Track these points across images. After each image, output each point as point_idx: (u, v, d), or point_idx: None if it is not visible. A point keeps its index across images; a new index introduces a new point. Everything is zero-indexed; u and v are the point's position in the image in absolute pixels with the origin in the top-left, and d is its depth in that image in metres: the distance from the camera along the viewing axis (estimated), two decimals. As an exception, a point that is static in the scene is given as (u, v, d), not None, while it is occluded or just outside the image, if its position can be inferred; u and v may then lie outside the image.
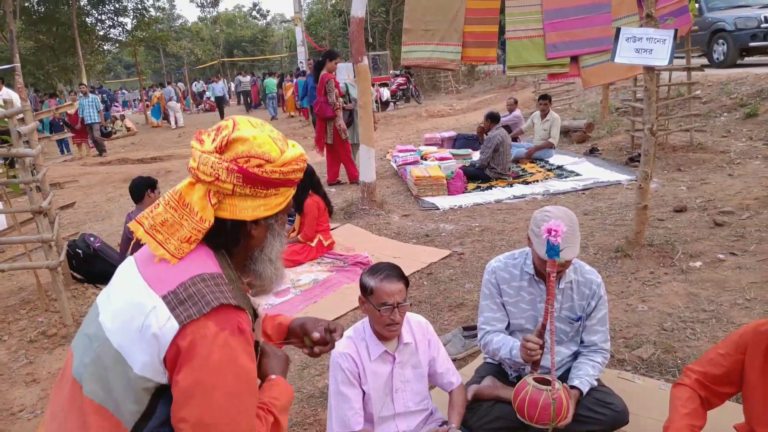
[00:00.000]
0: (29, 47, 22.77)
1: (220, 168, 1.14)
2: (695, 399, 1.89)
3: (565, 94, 13.77)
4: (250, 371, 1.13)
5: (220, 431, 1.09)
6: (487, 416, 2.42)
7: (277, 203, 1.23)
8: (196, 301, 1.09)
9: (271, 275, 1.30)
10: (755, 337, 1.83)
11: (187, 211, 1.17)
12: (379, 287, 2.07)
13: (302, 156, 1.25)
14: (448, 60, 5.87)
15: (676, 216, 5.03)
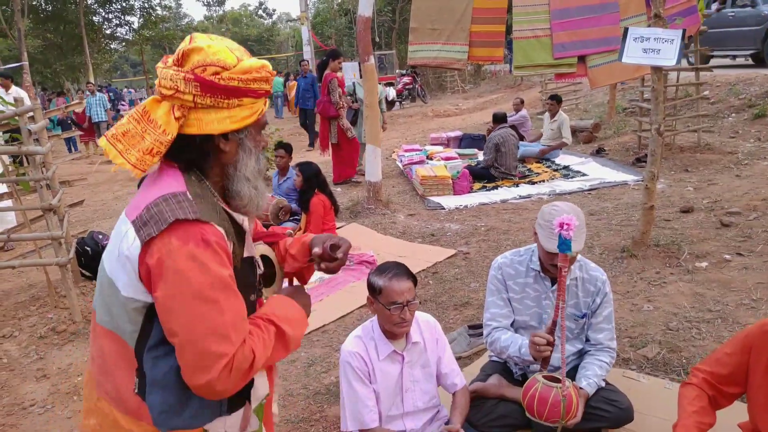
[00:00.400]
0: (37, 46, 22.93)
1: (178, 79, 1.15)
2: (703, 397, 1.90)
3: (572, 94, 13.74)
4: (222, 277, 1.13)
5: (205, 339, 1.11)
6: (492, 414, 2.43)
7: (243, 116, 1.21)
8: (156, 220, 1.12)
9: (249, 193, 1.28)
10: (760, 337, 1.84)
11: (151, 126, 1.17)
12: (388, 286, 2.08)
13: (264, 66, 1.23)
14: (455, 60, 5.88)
15: (682, 216, 5.02)
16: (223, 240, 1.17)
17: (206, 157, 1.24)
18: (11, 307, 4.32)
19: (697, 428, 1.82)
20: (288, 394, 2.99)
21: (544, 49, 5.63)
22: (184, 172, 1.23)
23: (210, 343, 1.11)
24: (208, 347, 1.11)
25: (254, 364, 1.18)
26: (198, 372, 1.12)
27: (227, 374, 1.13)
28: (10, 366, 3.56)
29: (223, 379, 1.13)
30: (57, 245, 3.90)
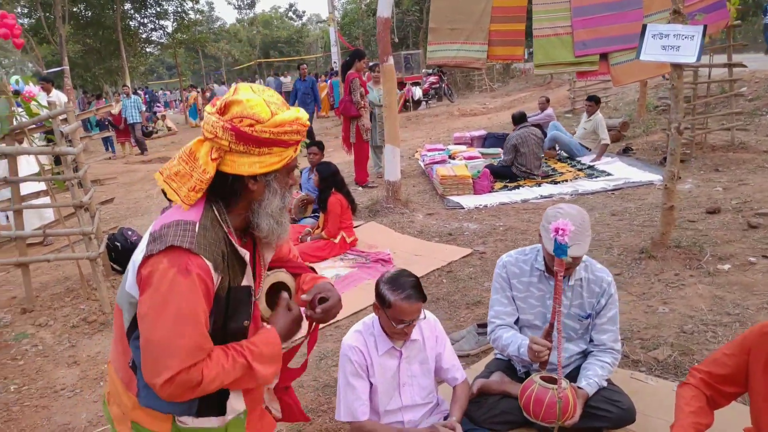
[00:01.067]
0: (77, 50, 23.70)
1: (218, 126, 1.30)
2: (700, 398, 1.88)
3: (602, 92, 13.49)
4: (191, 308, 1.26)
5: (161, 350, 1.25)
6: (494, 410, 2.44)
7: (272, 162, 1.34)
8: (161, 240, 1.28)
9: (270, 228, 1.42)
10: (759, 339, 1.81)
11: (195, 164, 1.33)
12: (399, 306, 2.06)
13: (297, 119, 1.35)
14: (474, 59, 5.87)
15: (708, 217, 4.90)
16: (207, 273, 1.30)
17: (235, 193, 1.39)
18: (48, 298, 4.52)
19: (694, 428, 1.80)
20: (298, 386, 3.05)
21: (565, 47, 5.57)
22: (207, 203, 1.38)
23: (162, 354, 1.26)
24: (160, 356, 1.26)
25: (202, 385, 1.29)
26: (148, 372, 1.28)
27: (169, 386, 1.26)
28: (44, 353, 3.73)
29: (165, 388, 1.26)
30: (87, 240, 4.07)
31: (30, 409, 3.10)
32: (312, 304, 1.58)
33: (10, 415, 3.04)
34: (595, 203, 6.01)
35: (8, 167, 4.06)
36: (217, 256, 1.33)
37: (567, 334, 2.52)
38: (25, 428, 2.92)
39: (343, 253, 5.11)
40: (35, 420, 2.99)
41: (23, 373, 3.49)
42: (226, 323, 1.41)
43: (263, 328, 1.50)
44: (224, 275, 1.36)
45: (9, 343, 3.84)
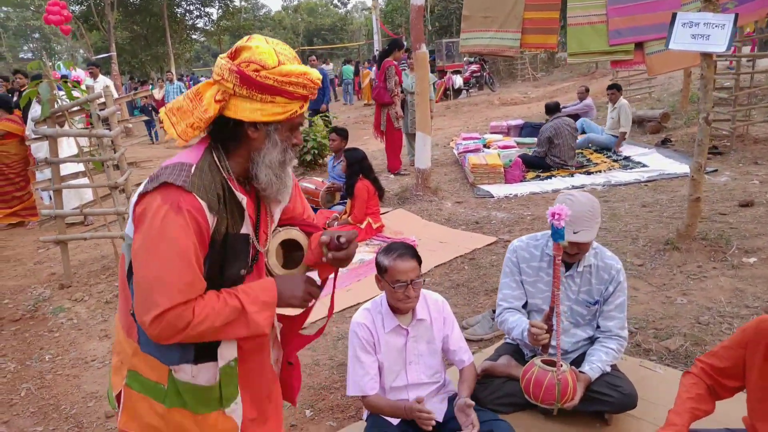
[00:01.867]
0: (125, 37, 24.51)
1: (225, 69, 1.33)
2: (700, 385, 1.91)
3: (645, 82, 13.12)
4: (181, 243, 1.27)
5: (151, 286, 1.27)
6: (498, 392, 2.52)
7: (273, 111, 1.34)
8: (156, 179, 1.30)
9: (267, 179, 1.42)
10: (756, 334, 1.82)
11: (199, 103, 1.35)
12: (393, 266, 2.18)
13: (305, 74, 1.34)
14: (507, 47, 5.85)
15: (740, 211, 4.79)
16: (199, 211, 1.31)
17: (235, 139, 1.39)
18: (84, 275, 4.81)
19: (689, 413, 1.83)
20: (314, 363, 3.19)
21: (600, 36, 5.48)
22: (207, 147, 1.40)
23: (152, 290, 1.27)
24: (150, 293, 1.27)
25: (191, 324, 1.29)
26: (139, 310, 1.29)
27: (158, 323, 1.27)
28: (78, 326, 3.99)
29: (154, 326, 1.27)
30: (122, 220, 4.30)
31: (62, 377, 3.34)
32: (331, 245, 1.54)
33: (43, 383, 3.29)
34: (627, 194, 5.92)
35: (49, 148, 4.31)
36: (212, 197, 1.33)
37: (575, 319, 2.56)
38: (57, 395, 3.16)
39: (369, 239, 5.22)
40: (66, 388, 3.22)
41: (58, 344, 3.75)
42: (223, 270, 1.40)
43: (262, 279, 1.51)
44: (221, 219, 1.36)
45: (47, 316, 4.13)
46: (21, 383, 3.31)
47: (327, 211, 5.62)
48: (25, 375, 3.41)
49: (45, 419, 2.94)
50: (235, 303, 1.36)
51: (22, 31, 46.82)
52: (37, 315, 4.20)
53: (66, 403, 3.07)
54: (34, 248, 5.90)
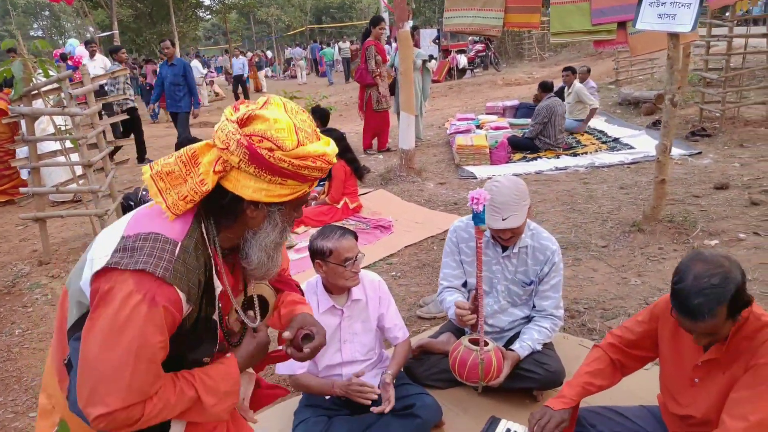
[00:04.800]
0: (128, 15, 24.45)
1: (232, 138, 1.12)
2: (603, 360, 1.95)
3: (648, 62, 12.92)
4: (150, 344, 1.12)
5: (102, 381, 1.11)
6: (434, 368, 2.58)
7: (280, 193, 1.17)
8: (132, 255, 1.12)
9: (258, 261, 1.27)
10: (666, 308, 1.86)
11: (194, 171, 1.17)
12: (338, 246, 2.22)
13: (324, 155, 1.17)
14: (490, 26, 5.78)
15: (714, 193, 4.77)
16: (177, 306, 1.15)
17: (230, 215, 1.22)
18: (64, 252, 4.92)
19: (582, 387, 1.89)
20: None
21: (583, 15, 5.39)
22: (196, 218, 1.22)
23: (101, 386, 1.11)
24: (99, 387, 1.11)
25: (141, 421, 1.16)
26: (83, 397, 1.13)
27: (102, 420, 1.12)
28: (52, 301, 4.10)
29: (98, 422, 1.12)
30: (96, 198, 4.38)
31: (29, 351, 3.45)
32: (295, 342, 1.44)
33: (9, 356, 3.40)
34: (608, 176, 5.90)
35: (26, 127, 4.37)
36: (192, 285, 1.17)
37: (511, 299, 2.61)
38: (21, 367, 3.26)
39: (345, 219, 5.26)
40: (31, 361, 3.33)
41: (29, 319, 3.85)
42: (185, 353, 1.25)
43: (223, 357, 1.34)
44: (195, 306, 1.20)
45: (23, 292, 4.24)
46: (-12, 355, 3.43)
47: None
48: (-6, 347, 3.53)
49: (6, 390, 3.05)
50: (191, 394, 1.23)
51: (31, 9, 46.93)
52: (14, 290, 4.31)
53: (29, 375, 3.18)
54: (22, 226, 6.03)
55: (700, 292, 1.50)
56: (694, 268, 1.56)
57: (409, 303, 3.57)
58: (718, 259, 1.57)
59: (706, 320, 1.51)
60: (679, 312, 1.57)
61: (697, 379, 1.77)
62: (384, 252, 4.47)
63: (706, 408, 1.73)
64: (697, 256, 1.60)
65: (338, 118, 11.44)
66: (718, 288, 1.51)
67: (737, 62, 7.50)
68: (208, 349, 1.30)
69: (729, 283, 1.52)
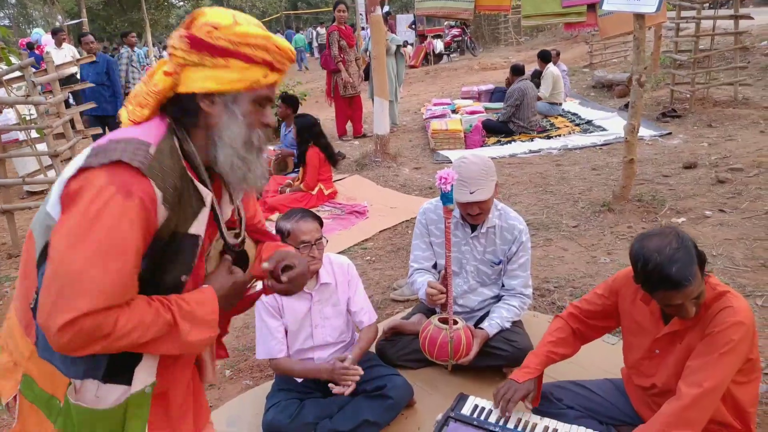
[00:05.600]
0: (98, 2, 23.88)
1: (176, 38, 1.16)
2: (565, 329, 1.99)
3: (621, 45, 13.05)
4: (123, 238, 1.05)
5: (70, 283, 1.02)
6: (405, 349, 2.60)
7: (229, 79, 1.15)
8: (104, 154, 1.07)
9: (230, 162, 1.21)
10: (625, 282, 1.90)
11: (150, 81, 1.19)
12: (296, 228, 2.22)
13: (268, 37, 1.17)
14: (461, 9, 5.80)
15: (683, 172, 4.86)
16: (153, 202, 1.09)
17: (190, 115, 1.20)
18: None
19: (545, 356, 1.93)
20: (244, 326, 3.26)
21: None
22: (170, 128, 1.19)
23: (68, 288, 1.02)
24: (64, 291, 1.02)
25: (111, 337, 1.05)
26: (46, 310, 1.03)
27: (68, 330, 1.01)
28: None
29: (62, 334, 1.02)
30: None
31: None
32: (275, 274, 1.38)
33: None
34: (580, 158, 5.98)
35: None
36: (168, 187, 1.12)
37: (480, 279, 2.64)
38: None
39: (320, 205, 5.25)
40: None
41: (0, 314, 3.79)
42: (161, 273, 1.17)
43: (204, 287, 1.26)
44: (172, 214, 1.14)
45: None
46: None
47: (280, 177, 5.64)
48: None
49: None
50: (167, 317, 1.13)
51: (-3, -4, 45.48)
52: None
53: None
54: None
55: (671, 261, 1.54)
56: (650, 244, 1.60)
57: (383, 286, 3.59)
58: (660, 230, 1.64)
59: (691, 284, 1.54)
60: (662, 288, 1.56)
61: (657, 350, 1.82)
62: (359, 237, 4.47)
63: (667, 377, 1.79)
64: (642, 237, 1.65)
65: (314, 105, 11.35)
66: (681, 250, 1.56)
67: (706, 44, 7.60)
68: (184, 268, 1.21)
69: (686, 240, 1.58)
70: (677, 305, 1.61)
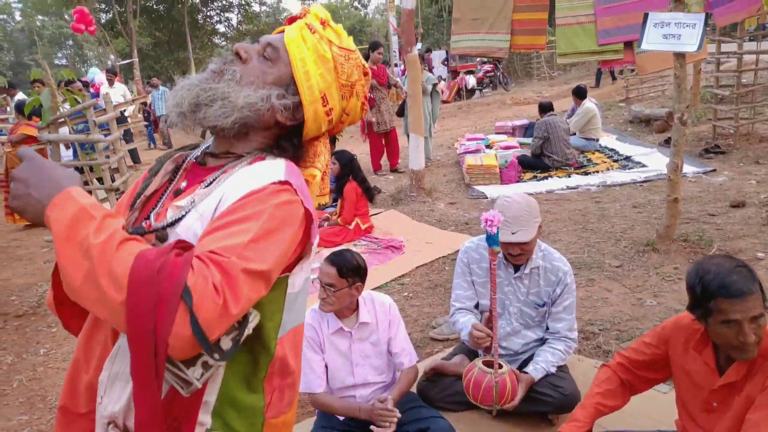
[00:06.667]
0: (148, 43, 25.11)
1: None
2: (613, 380, 1.94)
3: (658, 79, 12.91)
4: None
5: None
6: (447, 390, 2.56)
7: None
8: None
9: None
10: (675, 331, 1.85)
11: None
12: (320, 267, 2.29)
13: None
14: (497, 48, 5.86)
15: (730, 212, 4.72)
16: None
17: None
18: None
19: (594, 408, 1.87)
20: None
21: (588, 36, 5.46)
22: None
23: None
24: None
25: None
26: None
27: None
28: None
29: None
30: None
31: (53, 370, 3.50)
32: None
33: (35, 375, 3.46)
34: (620, 195, 5.88)
35: (51, 153, 4.49)
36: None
37: (524, 321, 2.60)
38: (46, 386, 3.31)
39: (357, 239, 5.29)
40: (55, 380, 3.37)
41: (54, 339, 3.91)
42: None
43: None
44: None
45: (48, 313, 4.29)
46: (15, 375, 3.48)
47: (318, 212, 5.71)
48: (20, 367, 3.57)
49: (31, 409, 3.09)
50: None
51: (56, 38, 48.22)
52: (39, 311, 4.37)
53: (53, 394, 3.22)
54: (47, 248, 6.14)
55: (732, 272, 1.53)
56: (709, 263, 1.60)
57: (421, 324, 3.56)
58: (720, 256, 1.65)
59: (752, 294, 1.50)
60: (721, 295, 1.52)
61: (715, 403, 1.75)
62: (396, 272, 4.47)
63: (727, 431, 1.71)
64: (701, 262, 1.64)
65: (349, 140, 11.53)
66: (743, 268, 1.56)
67: (749, 78, 7.46)
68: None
69: (744, 263, 1.58)
70: (735, 330, 1.53)
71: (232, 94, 1.05)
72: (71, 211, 0.86)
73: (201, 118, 1.07)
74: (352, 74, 1.14)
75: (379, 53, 7.45)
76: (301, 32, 1.10)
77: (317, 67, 1.10)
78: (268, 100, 1.08)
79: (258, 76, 1.09)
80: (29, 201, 0.87)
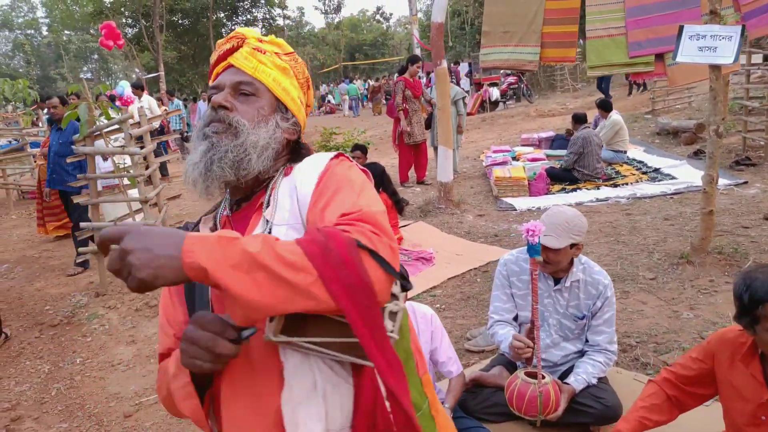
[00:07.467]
0: (173, 57, 25.67)
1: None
2: (659, 395, 1.94)
3: (685, 91, 12.79)
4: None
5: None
6: (486, 402, 2.58)
7: None
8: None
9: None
10: (721, 344, 1.86)
11: None
12: None
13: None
14: (527, 61, 5.89)
15: (764, 224, 4.67)
16: None
17: None
18: (119, 284, 5.10)
19: (638, 422, 1.88)
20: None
21: (619, 48, 5.46)
22: None
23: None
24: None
25: None
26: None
27: None
28: (109, 331, 4.27)
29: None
30: (151, 233, 4.58)
31: (90, 379, 3.60)
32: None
33: (72, 383, 3.56)
34: (651, 207, 5.84)
35: (87, 165, 4.63)
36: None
37: (563, 333, 2.61)
38: (83, 395, 3.41)
39: (387, 251, 5.33)
40: (92, 388, 3.47)
41: (89, 348, 4.02)
42: None
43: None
44: None
45: (82, 322, 4.43)
46: (53, 383, 3.59)
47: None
48: (57, 376, 3.69)
49: (70, 417, 3.19)
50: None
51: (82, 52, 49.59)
52: (74, 321, 4.51)
53: (90, 402, 3.31)
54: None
55: None
56: (756, 273, 1.65)
57: (455, 336, 3.59)
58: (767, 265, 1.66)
59: None
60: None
61: (764, 416, 1.75)
62: (427, 284, 4.51)
63: (777, 444, 1.71)
64: (748, 271, 1.68)
65: (375, 152, 11.64)
66: None
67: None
68: None
69: None
70: None
71: (255, 139, 1.12)
72: (209, 243, 0.83)
73: (244, 175, 1.12)
74: (303, 71, 1.25)
75: (418, 67, 7.61)
76: (255, 58, 1.17)
77: (285, 78, 1.20)
78: (279, 127, 1.17)
79: (256, 113, 1.15)
80: (159, 263, 0.82)
